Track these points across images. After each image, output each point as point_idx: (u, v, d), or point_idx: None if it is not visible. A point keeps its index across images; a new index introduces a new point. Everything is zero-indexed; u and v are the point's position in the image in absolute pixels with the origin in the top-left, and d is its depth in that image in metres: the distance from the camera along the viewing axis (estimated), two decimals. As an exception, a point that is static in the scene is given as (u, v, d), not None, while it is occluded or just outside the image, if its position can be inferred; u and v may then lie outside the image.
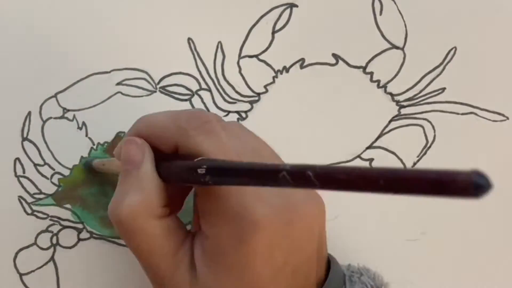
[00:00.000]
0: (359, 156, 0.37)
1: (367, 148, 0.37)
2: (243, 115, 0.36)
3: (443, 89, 0.37)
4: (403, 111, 0.37)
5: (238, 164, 0.22)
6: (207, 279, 0.25)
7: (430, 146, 0.37)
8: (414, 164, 0.37)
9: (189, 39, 0.35)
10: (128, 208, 0.25)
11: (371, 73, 0.36)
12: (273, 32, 0.36)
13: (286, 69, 0.36)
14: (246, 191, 0.24)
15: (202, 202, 0.26)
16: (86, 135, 0.35)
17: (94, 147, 0.34)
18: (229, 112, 0.36)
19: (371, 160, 0.37)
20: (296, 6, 0.36)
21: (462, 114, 0.37)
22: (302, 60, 0.36)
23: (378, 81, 0.36)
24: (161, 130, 0.27)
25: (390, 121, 0.37)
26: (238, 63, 0.35)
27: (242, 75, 0.36)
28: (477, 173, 0.13)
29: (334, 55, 0.36)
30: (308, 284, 0.27)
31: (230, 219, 0.24)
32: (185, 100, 0.35)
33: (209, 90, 0.35)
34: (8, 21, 0.33)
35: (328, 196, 0.36)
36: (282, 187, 0.18)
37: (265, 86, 0.36)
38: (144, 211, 0.25)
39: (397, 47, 0.36)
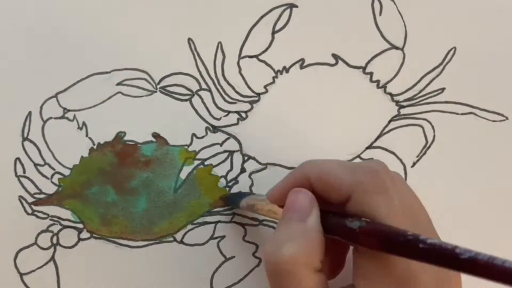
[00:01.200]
0: (359, 156, 0.37)
1: (367, 148, 0.37)
2: (243, 115, 0.36)
3: (443, 89, 0.37)
4: (402, 111, 0.37)
5: (425, 246, 0.22)
6: None
7: (429, 146, 0.37)
8: (414, 164, 0.37)
9: (189, 39, 0.35)
10: (289, 255, 0.25)
11: (371, 73, 0.36)
12: (273, 33, 0.36)
13: (286, 69, 0.36)
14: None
15: (362, 261, 0.26)
16: (86, 135, 0.35)
17: (94, 147, 0.35)
18: (229, 112, 0.36)
19: (371, 160, 0.37)
20: (296, 6, 0.36)
21: (462, 114, 0.37)
22: (302, 60, 0.36)
23: (378, 81, 0.36)
24: (335, 179, 0.27)
25: (389, 121, 0.37)
26: (238, 63, 0.35)
27: (242, 75, 0.36)
28: None
29: (334, 55, 0.36)
30: None
31: (395, 282, 0.25)
32: (185, 100, 0.35)
33: (209, 90, 0.35)
34: (8, 21, 0.33)
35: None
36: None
37: (265, 86, 0.36)
38: (306, 261, 0.25)
39: (396, 47, 0.36)
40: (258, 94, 0.36)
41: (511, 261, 0.18)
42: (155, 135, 0.35)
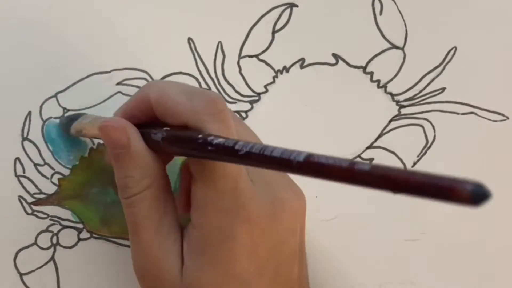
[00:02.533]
0: (359, 156, 0.37)
1: (367, 148, 0.37)
2: (243, 115, 0.36)
3: (443, 89, 0.37)
4: (403, 111, 0.37)
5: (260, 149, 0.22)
6: (192, 270, 0.26)
7: (430, 146, 0.37)
8: (414, 164, 0.37)
9: (189, 39, 0.35)
10: (137, 194, 0.27)
11: (371, 73, 0.36)
12: (273, 32, 0.36)
13: (286, 69, 0.36)
14: (243, 189, 0.25)
15: (197, 192, 0.26)
16: (86, 135, 0.35)
17: (94, 147, 0.35)
18: (229, 112, 0.36)
19: (371, 160, 0.37)
20: (296, 6, 0.36)
21: (462, 114, 0.37)
22: (302, 60, 0.36)
23: (378, 81, 0.36)
24: (173, 105, 0.26)
25: (390, 121, 0.37)
26: (238, 63, 0.35)
27: (242, 75, 0.36)
28: (476, 184, 0.14)
29: (334, 55, 0.36)
30: (291, 279, 0.28)
31: (223, 213, 0.25)
32: (185, 100, 0.35)
33: (209, 90, 0.35)
34: (8, 21, 0.33)
35: (328, 196, 0.36)
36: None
37: (265, 86, 0.36)
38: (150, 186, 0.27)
39: (397, 47, 0.36)
40: (258, 94, 0.36)
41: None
42: (155, 135, 0.35)
